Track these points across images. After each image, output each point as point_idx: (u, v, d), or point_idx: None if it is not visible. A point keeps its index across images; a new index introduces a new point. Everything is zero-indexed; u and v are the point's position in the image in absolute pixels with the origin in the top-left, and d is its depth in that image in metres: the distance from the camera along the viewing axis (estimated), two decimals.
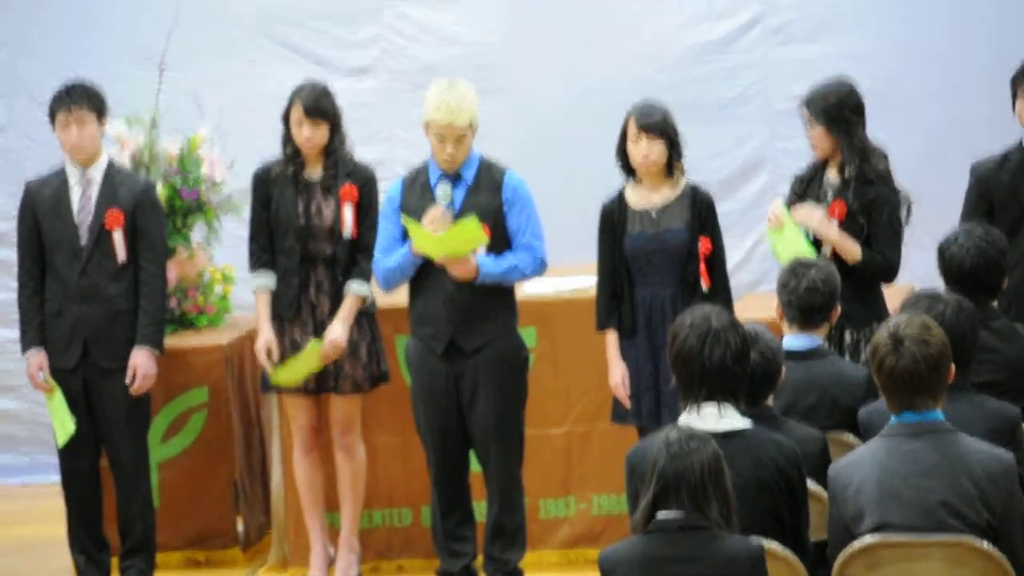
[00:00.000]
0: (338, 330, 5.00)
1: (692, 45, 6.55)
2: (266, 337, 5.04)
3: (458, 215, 4.76)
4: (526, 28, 6.60)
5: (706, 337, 3.29)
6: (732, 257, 5.31)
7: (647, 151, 4.67)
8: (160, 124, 5.68)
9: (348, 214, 5.04)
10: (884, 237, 4.71)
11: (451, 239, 4.68)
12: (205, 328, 5.66)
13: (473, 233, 4.67)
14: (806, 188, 4.84)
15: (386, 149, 6.59)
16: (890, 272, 4.73)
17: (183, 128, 5.73)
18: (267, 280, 5.10)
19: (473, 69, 6.22)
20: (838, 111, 4.71)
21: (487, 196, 4.80)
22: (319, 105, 5.03)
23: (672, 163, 4.72)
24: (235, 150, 5.76)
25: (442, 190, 4.78)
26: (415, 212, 4.78)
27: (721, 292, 4.68)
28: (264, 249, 5.08)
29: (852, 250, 4.68)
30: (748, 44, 6.56)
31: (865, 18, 6.49)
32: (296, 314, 5.05)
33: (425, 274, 4.81)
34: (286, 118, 5.08)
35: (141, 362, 4.97)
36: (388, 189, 4.96)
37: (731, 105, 6.52)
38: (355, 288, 5.07)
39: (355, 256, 5.08)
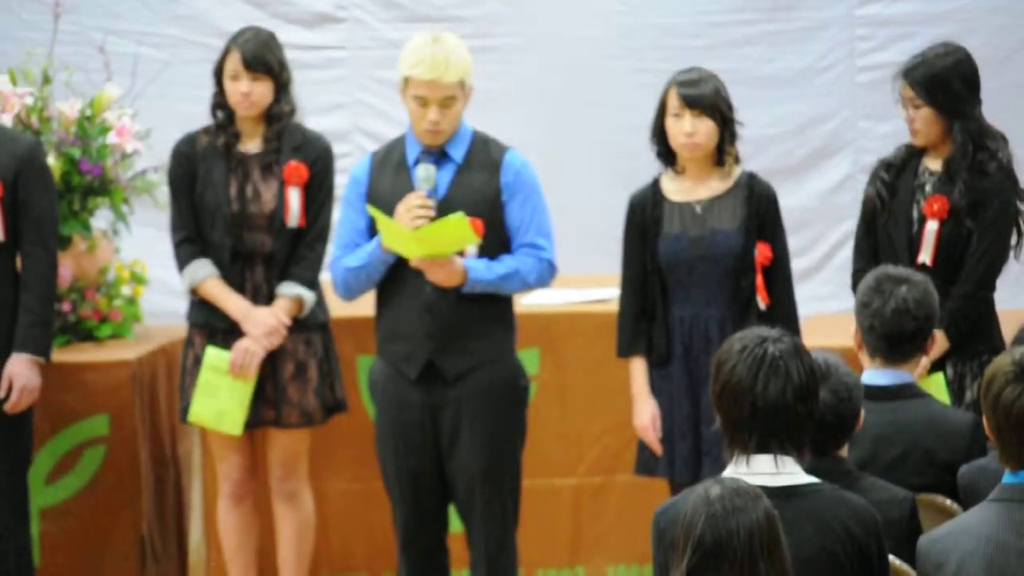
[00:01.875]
0: (256, 331, 4.99)
1: None
2: (255, 316, 5.04)
3: (442, 204, 4.78)
4: None
5: (760, 366, 3.28)
6: (798, 265, 5.35)
7: (692, 130, 4.71)
8: (55, 80, 5.69)
9: (294, 199, 5.07)
10: (988, 240, 4.73)
11: (432, 236, 4.71)
12: (107, 340, 5.67)
13: (461, 231, 4.71)
14: (896, 179, 4.84)
15: (349, 118, 6.65)
16: (988, 285, 4.73)
17: (85, 86, 5.74)
18: (208, 266, 5.13)
19: (464, 22, 6.31)
20: (946, 86, 4.74)
21: (481, 180, 4.84)
22: (261, 56, 5.07)
23: (723, 147, 4.76)
24: (152, 115, 5.76)
25: (423, 171, 4.81)
26: (387, 198, 4.81)
27: (783, 313, 4.71)
28: (192, 240, 5.13)
29: (939, 346, 4.61)
30: None
31: None
32: (228, 327, 5.08)
33: (397, 278, 4.84)
34: (218, 73, 5.13)
35: (19, 372, 4.95)
36: (352, 169, 4.99)
37: (802, 75, 6.57)
38: (289, 289, 5.10)
39: (296, 248, 5.10)
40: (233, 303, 5.08)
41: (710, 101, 4.71)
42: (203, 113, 5.19)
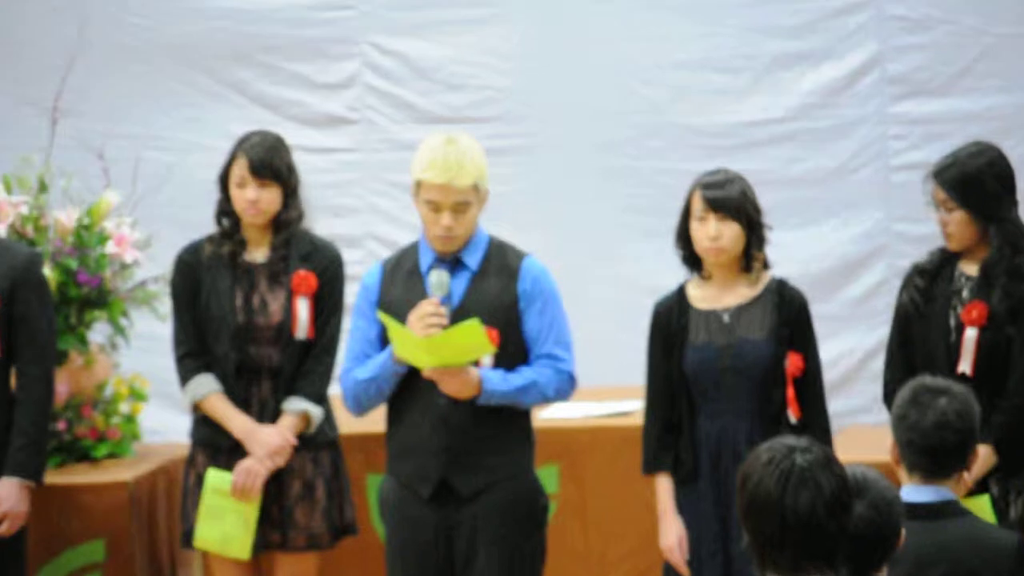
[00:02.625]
0: (260, 451, 5.00)
1: (782, 96, 6.69)
2: (254, 432, 5.06)
3: (456, 312, 4.79)
4: (552, 67, 6.74)
5: (788, 478, 3.25)
6: (831, 376, 5.40)
7: (716, 234, 4.74)
8: (52, 187, 5.73)
9: (303, 310, 5.11)
10: None
11: (446, 345, 4.70)
12: (105, 460, 5.68)
13: (476, 339, 4.70)
14: (932, 285, 4.88)
15: (360, 223, 6.74)
16: None
17: (83, 192, 5.78)
18: (211, 382, 5.14)
19: (480, 123, 6.42)
20: (980, 187, 4.78)
21: (497, 288, 4.85)
22: (269, 161, 5.11)
23: (751, 252, 4.78)
24: (153, 223, 5.83)
25: (436, 276, 4.82)
26: (400, 307, 4.81)
27: (816, 426, 4.72)
28: (196, 354, 5.14)
29: (986, 461, 4.64)
30: (860, 95, 6.70)
31: (1013, 65, 6.65)
32: (232, 445, 5.09)
33: (409, 390, 4.84)
34: (224, 179, 5.17)
35: (7, 495, 4.97)
36: (363, 277, 4.99)
37: (834, 175, 6.65)
38: (296, 405, 5.12)
39: (303, 361, 5.12)
40: (237, 421, 5.09)
41: (736, 203, 4.73)
42: (207, 220, 5.21)
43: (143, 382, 5.84)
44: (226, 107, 6.75)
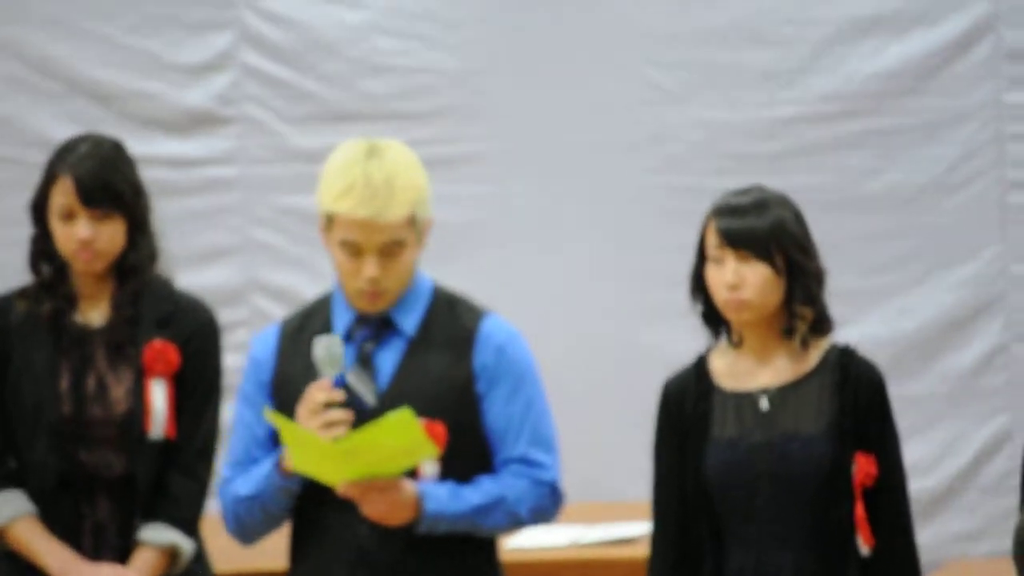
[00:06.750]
0: None
1: (849, 79, 6.91)
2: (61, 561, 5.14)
3: (384, 398, 4.84)
4: (520, 38, 6.90)
5: None
6: (921, 487, 5.60)
7: (734, 280, 4.80)
8: None
9: (158, 397, 5.23)
10: None
11: (364, 448, 4.72)
12: None
13: (407, 437, 4.70)
14: None
15: (240, 270, 6.92)
16: None
17: None
18: (20, 500, 5.24)
19: (414, 121, 6.60)
20: None
21: (443, 363, 4.90)
22: (108, 181, 5.21)
23: (793, 307, 4.84)
24: None
25: (323, 348, 4.79)
26: (301, 391, 4.84)
27: (897, 560, 4.82)
28: None
29: None
30: (964, 76, 6.93)
31: None
32: None
33: (315, 513, 4.90)
34: (39, 208, 5.27)
35: None
36: (252, 346, 5.04)
37: (924, 194, 6.85)
38: (157, 535, 5.23)
39: (168, 472, 5.23)
40: (55, 556, 5.18)
41: (762, 237, 4.78)
42: (15, 267, 5.31)
43: None
44: (35, 100, 6.89)
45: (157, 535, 5.27)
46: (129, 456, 5.26)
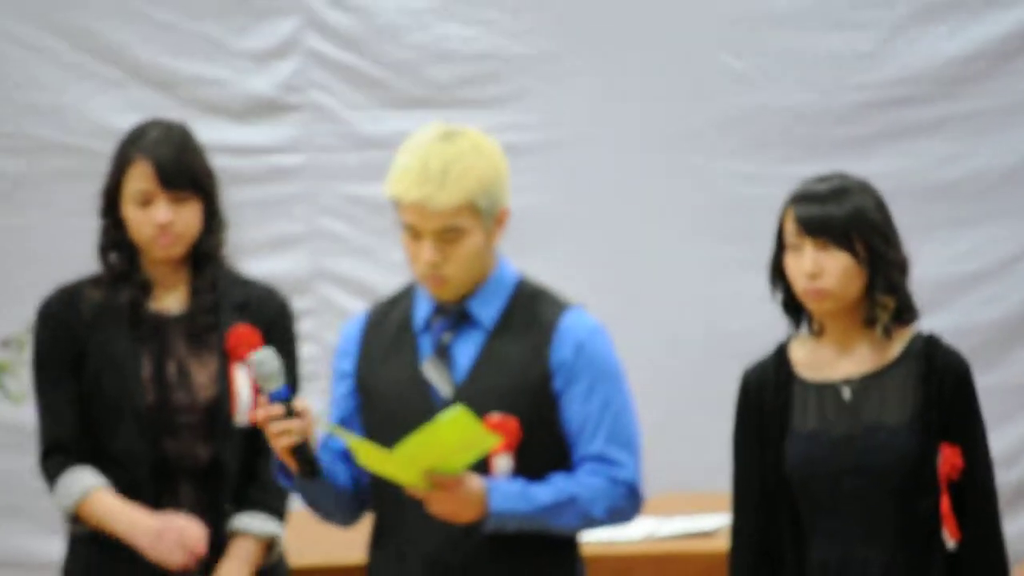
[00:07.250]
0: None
1: (928, 61, 6.99)
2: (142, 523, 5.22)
3: (460, 390, 4.89)
4: (588, 24, 6.97)
5: None
6: (1008, 479, 5.68)
7: (814, 269, 4.86)
8: None
9: (242, 383, 5.31)
10: None
11: (421, 451, 4.70)
12: None
13: (466, 432, 4.68)
14: None
15: (306, 259, 7.01)
16: None
17: None
18: (91, 477, 5.27)
19: (480, 109, 6.69)
20: None
21: (520, 356, 4.92)
22: (185, 164, 5.30)
23: (874, 296, 4.91)
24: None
25: (257, 367, 4.75)
26: (382, 384, 4.91)
27: (985, 554, 4.89)
28: (68, 447, 5.30)
29: None
30: None
31: None
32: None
33: (395, 508, 4.92)
34: (111, 194, 5.34)
35: None
36: (340, 333, 5.06)
37: (1011, 181, 6.97)
38: (247, 524, 5.31)
39: (258, 460, 5.29)
40: (137, 521, 5.21)
41: (843, 224, 4.85)
42: (81, 256, 5.36)
43: None
44: (98, 88, 7.00)
45: (258, 525, 5.34)
46: (214, 443, 5.31)
